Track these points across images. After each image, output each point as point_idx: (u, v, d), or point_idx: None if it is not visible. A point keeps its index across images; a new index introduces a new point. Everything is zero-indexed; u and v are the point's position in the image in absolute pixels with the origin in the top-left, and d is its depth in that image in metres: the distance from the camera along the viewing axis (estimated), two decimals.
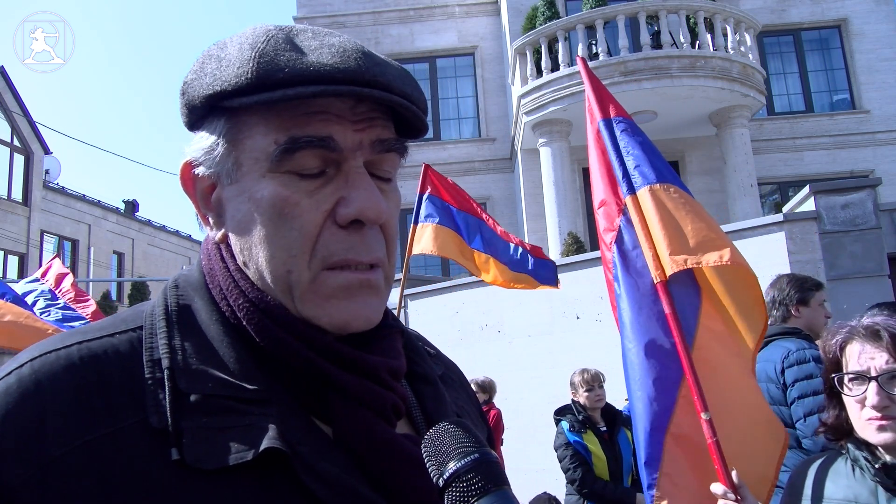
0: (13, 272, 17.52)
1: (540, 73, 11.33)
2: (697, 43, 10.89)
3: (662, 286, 2.13)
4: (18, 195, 18.56)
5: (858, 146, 13.20)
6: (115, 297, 19.63)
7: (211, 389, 0.61)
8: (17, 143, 18.55)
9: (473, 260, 4.77)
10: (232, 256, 0.70)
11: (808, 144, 13.23)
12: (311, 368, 0.65)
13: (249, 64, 0.63)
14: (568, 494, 4.32)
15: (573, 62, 10.82)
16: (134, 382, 0.61)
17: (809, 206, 5.95)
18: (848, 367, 1.58)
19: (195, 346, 0.65)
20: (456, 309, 7.78)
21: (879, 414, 1.49)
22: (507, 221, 13.53)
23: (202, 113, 0.68)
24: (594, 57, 10.81)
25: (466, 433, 0.59)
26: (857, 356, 1.56)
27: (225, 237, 0.71)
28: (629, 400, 2.18)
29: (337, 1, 15.15)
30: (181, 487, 0.57)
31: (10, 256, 18.04)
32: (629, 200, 2.28)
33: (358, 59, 0.65)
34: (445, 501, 0.56)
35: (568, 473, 4.20)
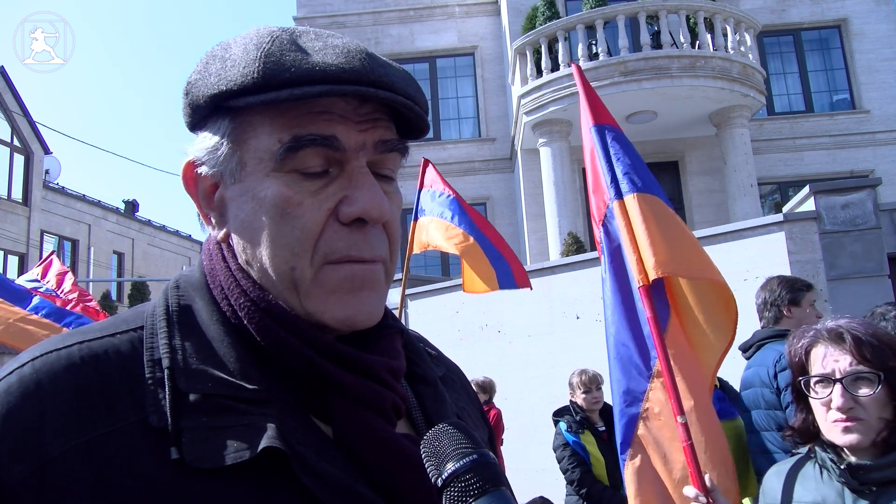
0: (13, 272, 17.50)
1: (540, 73, 11.32)
2: (697, 43, 10.89)
3: (644, 290, 2.20)
4: (18, 195, 18.55)
5: (858, 146, 13.20)
6: (115, 297, 19.65)
7: (211, 389, 0.62)
8: (17, 143, 18.54)
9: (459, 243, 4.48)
10: (234, 256, 0.70)
11: (808, 144, 13.23)
12: (311, 368, 0.65)
13: (255, 64, 0.63)
14: (567, 495, 4.32)
15: (573, 62, 10.82)
16: (134, 382, 0.61)
17: (809, 206, 5.95)
18: (813, 370, 1.61)
19: (195, 345, 0.65)
20: (456, 309, 7.78)
21: (845, 416, 1.52)
22: (507, 221, 13.54)
23: (206, 113, 0.69)
24: (594, 57, 10.81)
25: (465, 434, 0.60)
26: (821, 359, 1.58)
27: (227, 236, 0.71)
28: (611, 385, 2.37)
29: (337, 1, 15.14)
30: (180, 486, 0.57)
31: (10, 256, 18.04)
32: (616, 205, 2.34)
33: (362, 59, 0.65)
34: (444, 502, 0.56)
35: (566, 474, 4.20)
